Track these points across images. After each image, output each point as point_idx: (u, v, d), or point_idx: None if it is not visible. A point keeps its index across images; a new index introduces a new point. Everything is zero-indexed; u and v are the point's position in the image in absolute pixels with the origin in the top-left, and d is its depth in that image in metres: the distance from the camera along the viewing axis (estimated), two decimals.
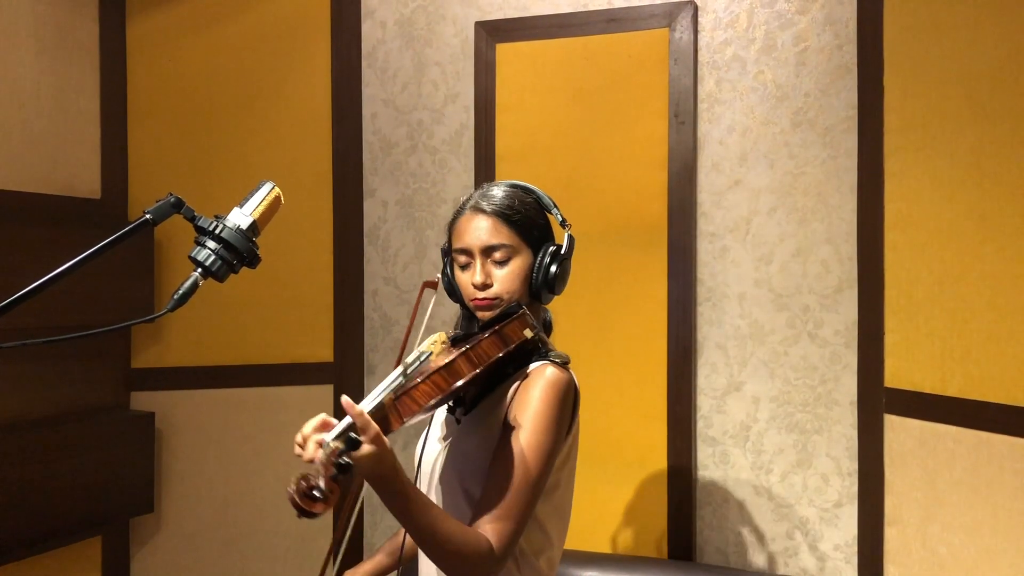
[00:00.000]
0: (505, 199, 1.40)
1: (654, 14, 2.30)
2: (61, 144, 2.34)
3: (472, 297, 1.38)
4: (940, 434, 1.95)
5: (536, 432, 1.28)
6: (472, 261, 1.38)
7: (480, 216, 1.38)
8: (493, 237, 1.36)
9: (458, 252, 1.39)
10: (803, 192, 2.20)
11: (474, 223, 1.38)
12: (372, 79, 2.64)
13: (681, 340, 2.27)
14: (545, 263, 1.38)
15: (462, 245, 1.39)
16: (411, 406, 1.14)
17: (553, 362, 1.34)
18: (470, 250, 1.38)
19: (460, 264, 1.40)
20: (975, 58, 1.88)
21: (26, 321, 1.51)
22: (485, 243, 1.37)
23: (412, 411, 1.14)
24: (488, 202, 1.39)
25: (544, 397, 1.30)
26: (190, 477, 2.56)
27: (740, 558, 2.27)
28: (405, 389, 1.15)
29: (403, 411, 1.14)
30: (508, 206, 1.39)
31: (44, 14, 2.29)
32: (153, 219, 1.04)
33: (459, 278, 1.41)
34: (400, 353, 1.33)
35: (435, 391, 1.15)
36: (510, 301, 1.36)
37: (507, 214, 1.38)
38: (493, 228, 1.37)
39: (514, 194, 1.42)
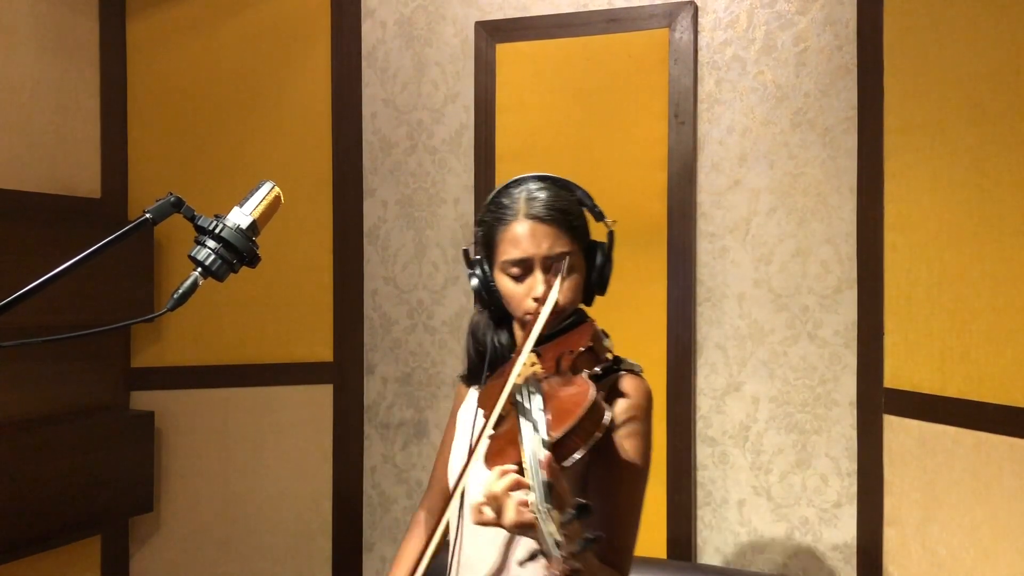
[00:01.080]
0: (559, 203, 1.31)
1: (654, 14, 2.30)
2: (61, 143, 2.33)
3: (527, 310, 1.28)
4: (939, 434, 1.95)
5: (644, 451, 1.25)
6: (529, 272, 1.29)
7: (538, 224, 1.28)
8: (556, 246, 1.28)
9: (512, 263, 1.29)
10: (803, 192, 2.20)
11: (531, 231, 1.27)
12: (372, 79, 2.64)
13: (681, 340, 2.27)
14: (600, 266, 1.34)
15: (519, 255, 1.28)
16: (571, 449, 1.05)
17: (636, 373, 1.31)
18: (530, 261, 1.28)
19: (512, 275, 1.30)
20: (975, 59, 1.88)
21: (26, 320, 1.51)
22: (547, 253, 1.27)
23: (570, 454, 1.05)
24: (544, 207, 1.29)
25: (644, 416, 1.27)
26: (189, 476, 2.56)
27: (739, 558, 2.27)
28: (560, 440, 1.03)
29: (561, 457, 1.03)
30: (565, 211, 1.31)
31: (44, 13, 2.29)
32: (153, 218, 1.04)
33: (510, 289, 1.30)
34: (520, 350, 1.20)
35: (592, 431, 1.06)
36: (568, 311, 1.30)
37: (567, 220, 1.30)
38: (555, 236, 1.28)
39: (562, 195, 1.33)
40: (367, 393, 2.67)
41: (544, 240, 1.27)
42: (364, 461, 2.67)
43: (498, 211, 1.32)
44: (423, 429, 2.61)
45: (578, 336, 1.25)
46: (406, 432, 2.63)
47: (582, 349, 1.19)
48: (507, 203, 1.32)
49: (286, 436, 2.61)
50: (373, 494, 2.67)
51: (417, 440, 2.62)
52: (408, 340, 2.62)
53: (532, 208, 1.29)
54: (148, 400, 2.51)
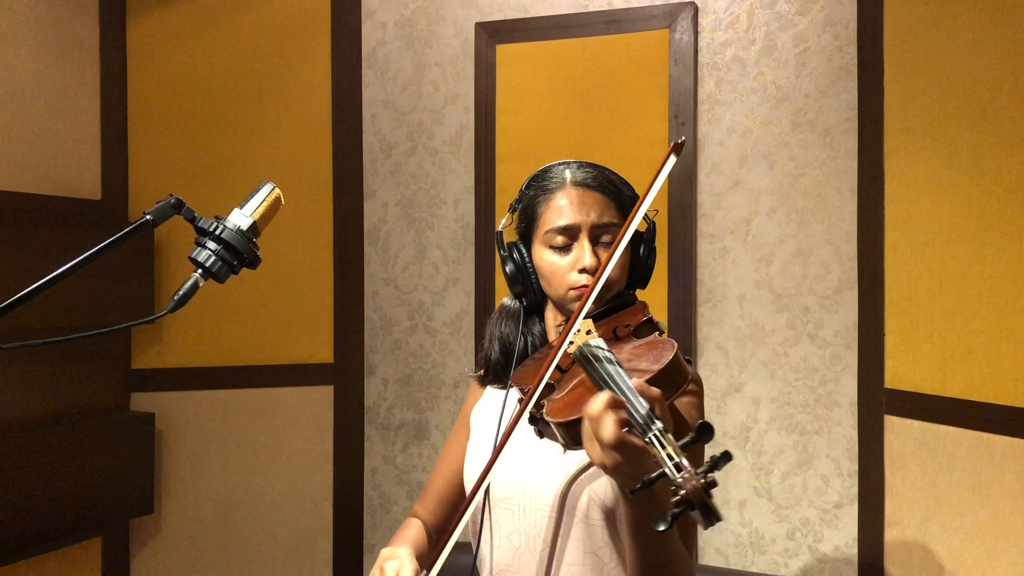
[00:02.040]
0: (601, 174, 1.24)
1: (654, 15, 2.30)
2: (61, 145, 2.34)
3: (572, 285, 1.19)
4: (940, 435, 1.95)
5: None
6: (574, 242, 1.20)
7: (587, 191, 1.21)
8: (606, 215, 1.20)
9: (556, 232, 1.20)
10: (803, 193, 2.20)
11: (580, 197, 1.20)
12: (372, 80, 2.64)
13: (681, 341, 2.27)
14: (645, 256, 1.25)
15: (566, 222, 1.19)
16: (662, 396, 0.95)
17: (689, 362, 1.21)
18: (577, 228, 1.19)
19: (556, 245, 1.21)
20: (975, 59, 1.88)
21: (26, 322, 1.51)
22: (597, 221, 1.19)
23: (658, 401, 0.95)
24: (592, 176, 1.22)
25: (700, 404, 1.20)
26: (190, 478, 2.56)
27: (740, 559, 2.27)
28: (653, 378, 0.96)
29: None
30: (613, 182, 1.23)
31: (44, 14, 2.29)
32: (153, 220, 1.04)
33: (552, 264, 1.21)
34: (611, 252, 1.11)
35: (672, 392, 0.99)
36: (614, 289, 1.22)
37: (617, 191, 1.23)
38: (605, 205, 1.20)
39: (603, 169, 1.25)
40: (368, 394, 2.67)
41: (593, 208, 1.20)
42: (365, 462, 2.67)
43: (540, 184, 1.25)
44: (424, 430, 2.61)
45: (632, 314, 1.17)
46: (407, 433, 2.63)
47: (643, 319, 1.13)
48: (550, 176, 1.25)
49: (287, 437, 2.61)
50: (374, 495, 2.67)
51: (418, 441, 2.62)
52: (409, 341, 2.62)
53: (578, 176, 1.22)
54: (149, 402, 2.51)
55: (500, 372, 1.31)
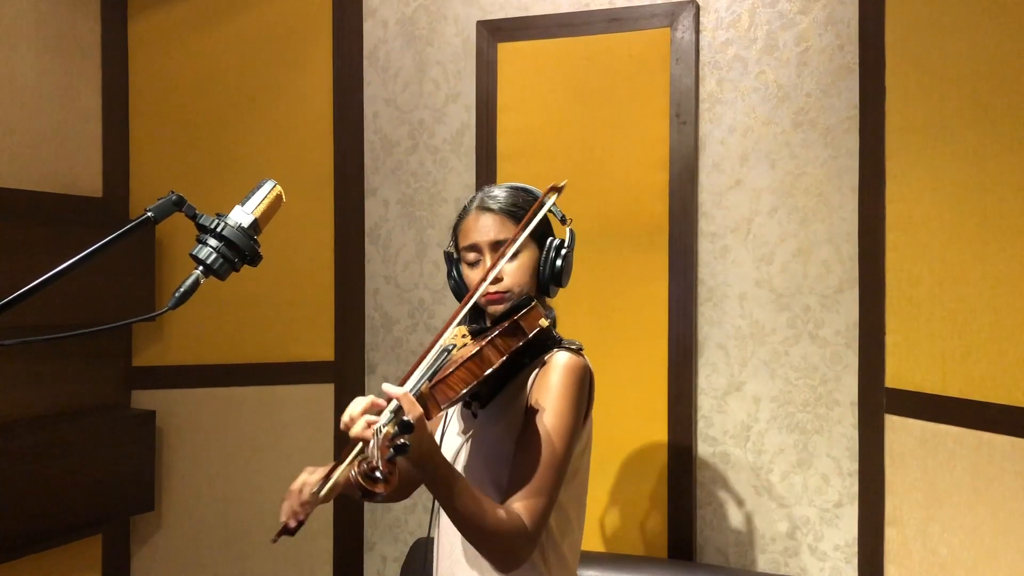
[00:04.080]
0: (508, 197, 1.47)
1: (656, 14, 2.30)
2: (63, 142, 2.34)
3: (483, 293, 1.41)
4: (941, 434, 1.95)
5: (558, 414, 1.34)
6: (481, 257, 1.44)
7: (486, 214, 1.45)
8: (501, 232, 1.43)
9: (466, 250, 1.46)
10: (804, 192, 2.20)
11: (481, 221, 1.45)
12: (373, 78, 2.64)
13: (682, 340, 2.27)
14: (551, 256, 1.45)
15: (470, 242, 1.45)
16: (447, 393, 1.20)
17: (569, 349, 1.41)
18: (479, 246, 1.44)
19: (468, 262, 1.46)
20: (976, 58, 1.88)
21: (27, 319, 1.51)
22: (493, 238, 1.43)
23: (448, 398, 1.20)
24: (493, 201, 1.46)
25: (564, 381, 1.36)
26: (191, 476, 2.56)
27: (740, 558, 2.27)
28: (440, 378, 1.21)
29: (440, 399, 1.20)
30: (512, 203, 1.46)
31: (46, 13, 2.29)
32: (154, 217, 1.04)
33: (468, 276, 1.47)
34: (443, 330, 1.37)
35: (469, 377, 1.21)
36: (520, 294, 1.43)
37: (512, 211, 1.45)
38: (500, 224, 1.44)
39: (515, 193, 1.48)
40: (368, 392, 2.67)
41: (492, 228, 1.44)
42: None
43: (461, 212, 1.51)
44: None
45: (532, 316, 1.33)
46: None
47: (506, 324, 1.28)
48: (467, 203, 1.50)
49: (287, 435, 2.61)
50: None
51: None
52: (409, 340, 2.62)
53: (483, 202, 1.47)
54: (149, 399, 2.51)
55: None
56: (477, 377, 1.21)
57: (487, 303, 1.44)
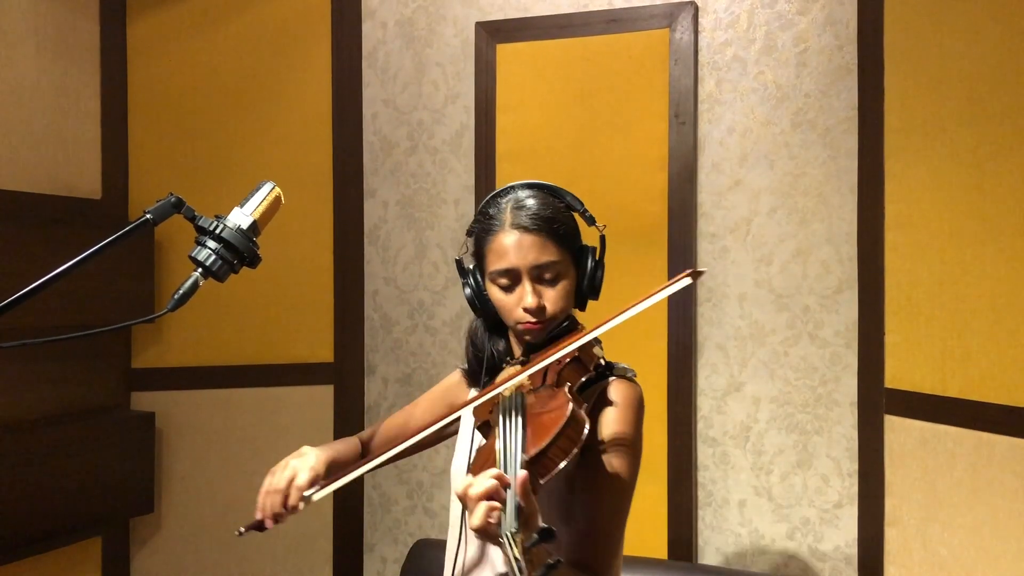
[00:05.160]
0: (545, 210, 1.29)
1: (654, 15, 2.30)
2: (61, 144, 2.33)
3: (521, 321, 1.28)
4: (940, 435, 1.95)
5: (630, 456, 1.24)
6: (518, 283, 1.28)
7: (524, 234, 1.27)
8: (543, 255, 1.27)
9: (500, 274, 1.28)
10: (803, 193, 2.20)
11: (518, 241, 1.27)
12: (373, 79, 2.64)
13: (681, 340, 2.27)
14: (590, 272, 1.34)
15: (507, 266, 1.27)
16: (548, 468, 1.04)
17: (628, 379, 1.31)
18: (517, 271, 1.27)
19: (501, 285, 1.29)
20: (975, 59, 1.88)
21: (26, 321, 1.51)
22: (534, 263, 1.26)
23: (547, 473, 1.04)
24: (529, 217, 1.28)
25: (632, 420, 1.26)
26: (190, 477, 2.56)
27: (740, 559, 2.27)
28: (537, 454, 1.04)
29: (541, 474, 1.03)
30: (551, 219, 1.29)
31: (45, 14, 2.29)
32: (153, 219, 1.04)
33: (500, 299, 1.30)
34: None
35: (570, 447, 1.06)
36: (559, 319, 1.30)
37: (553, 228, 1.28)
38: (541, 246, 1.27)
39: (549, 202, 1.31)
40: (368, 394, 2.67)
41: (530, 251, 1.26)
42: None
43: (485, 221, 1.32)
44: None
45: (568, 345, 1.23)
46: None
47: (568, 360, 1.19)
48: (493, 213, 1.31)
49: (287, 437, 2.61)
50: (374, 495, 2.67)
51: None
52: (409, 341, 2.62)
53: (517, 218, 1.28)
54: (149, 401, 2.51)
55: (476, 375, 1.43)
56: (577, 444, 1.06)
57: (525, 332, 1.29)
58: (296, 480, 1.28)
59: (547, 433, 1.05)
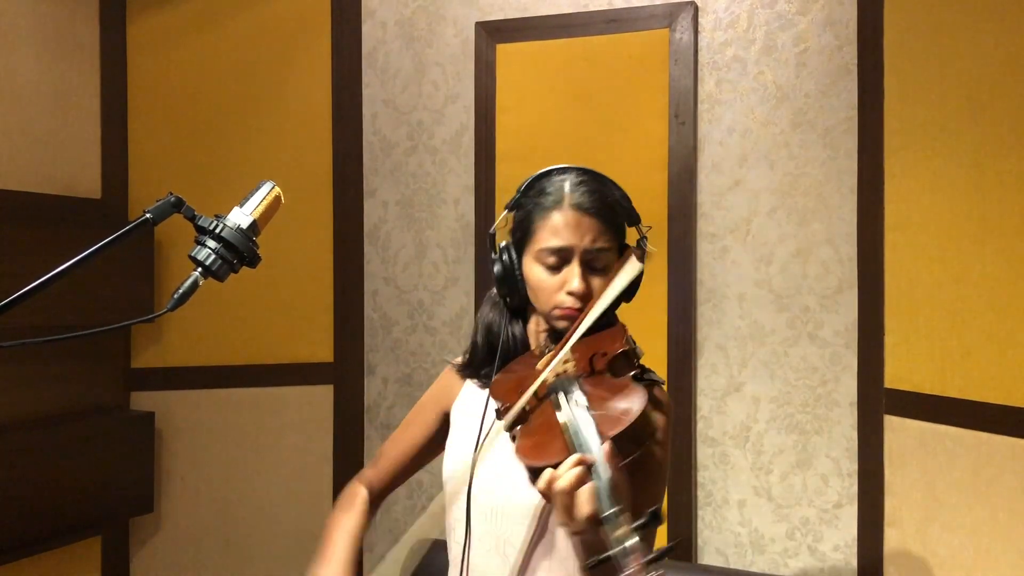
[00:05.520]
0: (606, 197, 1.23)
1: (654, 15, 2.30)
2: (61, 144, 2.33)
3: (558, 304, 1.21)
4: (940, 435, 1.95)
5: (664, 466, 1.20)
6: (566, 264, 1.21)
7: (585, 215, 1.20)
8: (600, 240, 1.20)
9: (550, 252, 1.20)
10: (803, 193, 2.20)
11: (578, 220, 1.19)
12: (372, 79, 2.64)
13: (681, 340, 2.27)
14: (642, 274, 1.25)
15: (561, 244, 1.20)
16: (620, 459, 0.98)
17: (655, 382, 1.25)
18: (571, 251, 1.20)
19: (548, 264, 1.21)
20: (975, 59, 1.88)
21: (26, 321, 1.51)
22: (590, 245, 1.20)
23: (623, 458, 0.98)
24: (591, 199, 1.21)
25: (667, 430, 1.21)
26: (190, 477, 2.56)
27: (740, 559, 2.27)
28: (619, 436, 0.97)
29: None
30: (611, 206, 1.23)
31: (45, 14, 2.29)
32: (153, 218, 1.04)
33: (541, 280, 1.22)
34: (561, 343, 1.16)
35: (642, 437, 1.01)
36: None
37: (612, 216, 1.23)
38: (599, 231, 1.20)
39: (606, 191, 1.25)
40: (367, 394, 2.67)
41: (588, 232, 1.20)
42: (364, 462, 2.67)
43: (539, 196, 1.24)
44: None
45: (611, 338, 1.18)
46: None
47: (620, 351, 1.14)
48: (550, 189, 1.24)
49: (286, 437, 2.61)
50: None
51: None
52: (408, 341, 2.62)
53: (579, 197, 1.21)
54: (148, 401, 2.51)
55: (481, 365, 1.33)
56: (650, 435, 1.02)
57: (560, 317, 1.21)
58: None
59: (621, 421, 0.98)
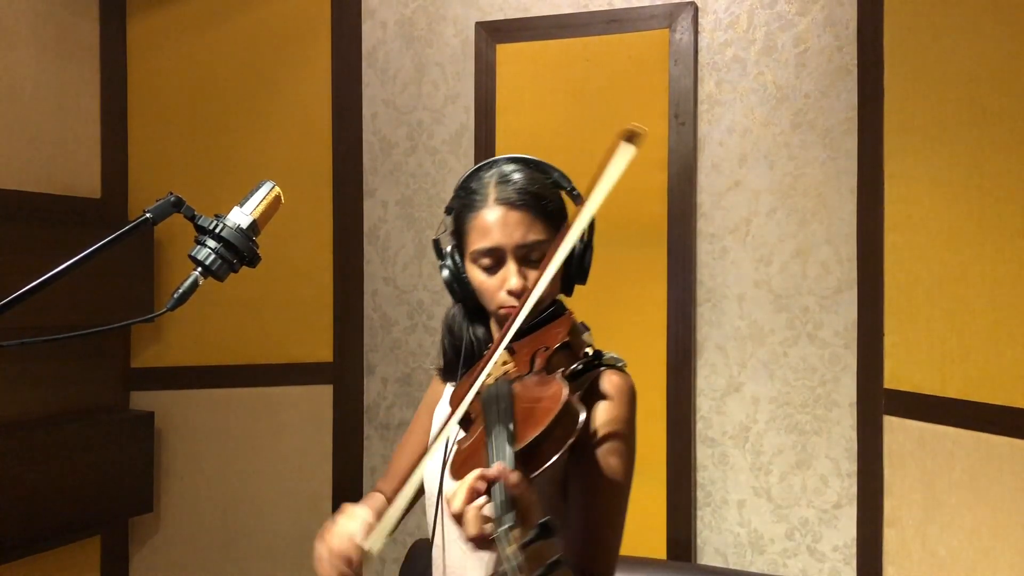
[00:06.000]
0: (532, 186, 1.18)
1: (654, 15, 2.30)
2: (61, 143, 2.33)
3: (503, 304, 1.17)
4: (939, 435, 1.95)
5: (626, 452, 1.16)
6: (502, 263, 1.17)
7: (510, 210, 1.16)
8: (530, 234, 1.16)
9: (482, 253, 1.17)
10: (803, 193, 2.20)
11: (502, 218, 1.15)
12: (372, 79, 2.64)
13: (681, 341, 2.27)
14: (579, 254, 1.22)
15: (491, 244, 1.16)
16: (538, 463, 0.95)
17: (619, 368, 1.21)
18: (502, 250, 1.16)
19: (483, 266, 1.18)
20: (975, 60, 1.88)
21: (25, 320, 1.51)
22: (520, 241, 1.16)
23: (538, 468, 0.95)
24: (515, 192, 1.17)
25: (626, 414, 1.17)
26: (189, 477, 2.56)
27: (739, 559, 2.27)
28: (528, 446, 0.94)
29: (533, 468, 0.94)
30: (538, 195, 1.18)
31: (45, 13, 2.29)
32: (153, 218, 1.04)
33: (482, 281, 1.19)
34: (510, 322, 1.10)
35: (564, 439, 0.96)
36: (545, 303, 1.17)
37: (540, 205, 1.17)
38: (528, 224, 1.16)
39: (536, 177, 1.21)
40: (367, 393, 2.67)
41: (516, 228, 1.15)
42: (364, 461, 2.67)
43: (467, 196, 1.21)
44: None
45: (555, 330, 1.14)
46: (406, 433, 2.63)
47: (557, 346, 1.09)
48: (476, 187, 1.20)
49: (286, 437, 2.61)
50: None
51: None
52: (408, 340, 2.62)
53: (503, 193, 1.17)
54: (148, 400, 2.51)
55: (452, 368, 1.30)
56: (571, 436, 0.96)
57: (507, 315, 1.15)
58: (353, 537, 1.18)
59: (539, 423, 0.96)
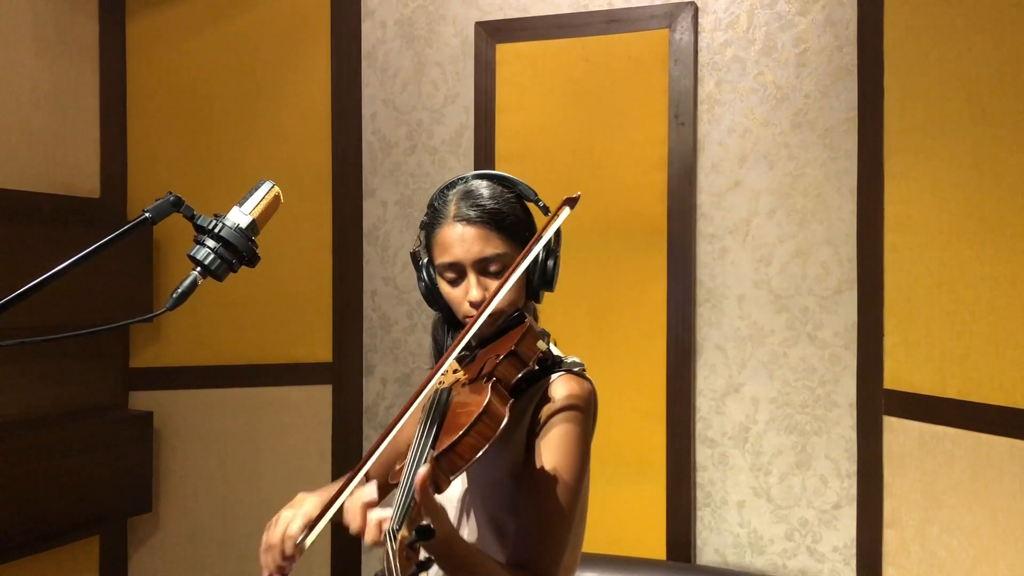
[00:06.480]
0: (491, 201, 1.25)
1: (654, 15, 2.30)
2: (60, 143, 2.33)
3: (467, 315, 1.24)
4: (939, 436, 1.95)
5: (572, 457, 1.19)
6: (463, 277, 1.24)
7: (468, 226, 1.23)
8: (487, 248, 1.22)
9: (445, 267, 1.25)
10: (803, 193, 2.20)
11: (461, 233, 1.23)
12: (372, 79, 2.64)
13: (680, 341, 2.27)
14: (542, 262, 1.27)
15: (450, 259, 1.24)
16: (457, 463, 1.01)
17: (571, 371, 1.25)
18: (462, 265, 1.23)
19: (448, 279, 1.26)
20: (975, 60, 1.88)
21: (24, 320, 1.51)
22: (477, 256, 1.22)
23: (458, 468, 1.02)
24: (474, 208, 1.24)
25: (575, 417, 1.20)
26: (188, 477, 2.55)
27: (739, 559, 2.27)
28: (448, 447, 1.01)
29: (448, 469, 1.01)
30: (496, 210, 1.25)
31: (44, 13, 2.28)
32: (152, 218, 1.04)
33: (449, 294, 1.27)
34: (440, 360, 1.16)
35: (481, 441, 1.02)
36: (507, 312, 1.25)
37: (497, 220, 1.24)
38: (485, 238, 1.22)
39: (498, 192, 1.27)
40: (366, 393, 2.67)
41: (474, 243, 1.22)
42: None
43: (432, 214, 1.29)
44: None
45: (506, 340, 1.19)
46: None
47: (504, 354, 1.14)
48: (439, 205, 1.28)
49: (285, 437, 2.61)
50: None
51: None
52: (407, 340, 2.62)
53: (461, 210, 1.24)
54: (147, 400, 2.50)
55: None
56: (489, 439, 1.03)
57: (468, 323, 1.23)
58: (288, 530, 1.22)
59: (459, 428, 1.02)
